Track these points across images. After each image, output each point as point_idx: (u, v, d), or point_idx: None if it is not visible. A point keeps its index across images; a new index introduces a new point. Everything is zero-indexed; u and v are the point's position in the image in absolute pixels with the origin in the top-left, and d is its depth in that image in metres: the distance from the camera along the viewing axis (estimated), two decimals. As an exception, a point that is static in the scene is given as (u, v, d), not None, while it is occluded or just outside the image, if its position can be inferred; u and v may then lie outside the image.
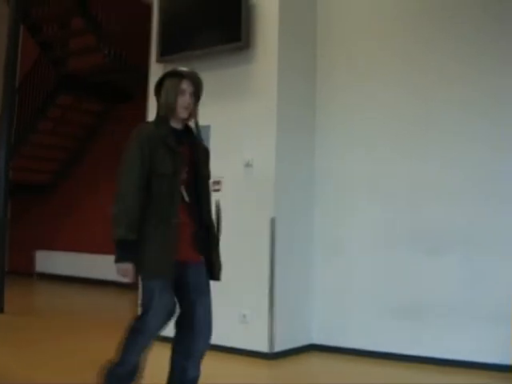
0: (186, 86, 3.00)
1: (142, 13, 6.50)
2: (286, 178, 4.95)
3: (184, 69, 3.10)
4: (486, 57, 4.66)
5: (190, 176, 3.03)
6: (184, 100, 2.99)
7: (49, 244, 10.90)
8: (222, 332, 4.87)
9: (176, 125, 3.05)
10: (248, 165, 4.95)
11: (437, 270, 4.66)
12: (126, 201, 2.83)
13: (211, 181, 5.06)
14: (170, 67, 5.59)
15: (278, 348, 4.79)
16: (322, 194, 5.22)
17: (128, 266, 2.84)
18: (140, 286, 3.20)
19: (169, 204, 2.89)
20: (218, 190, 5.07)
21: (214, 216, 3.19)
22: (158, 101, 3.09)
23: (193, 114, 3.06)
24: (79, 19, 9.43)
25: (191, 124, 3.12)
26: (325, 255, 5.17)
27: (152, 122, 3.07)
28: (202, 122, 5.22)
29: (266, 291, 4.78)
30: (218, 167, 5.09)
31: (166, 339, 3.08)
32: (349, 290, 5.04)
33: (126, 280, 2.90)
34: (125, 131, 3.25)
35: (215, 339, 3.01)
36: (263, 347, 4.76)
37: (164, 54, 5.36)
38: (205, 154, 3.16)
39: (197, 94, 3.05)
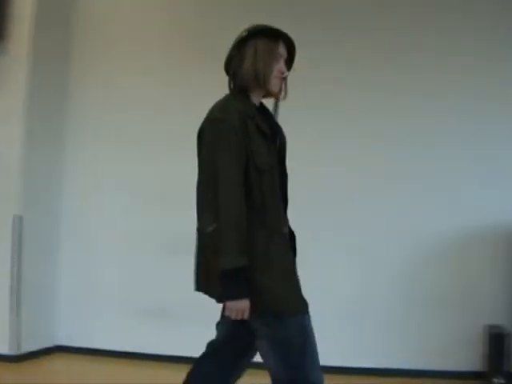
0: (283, 50, 2.25)
1: None
2: (34, 174, 4.89)
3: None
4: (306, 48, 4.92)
5: None
6: (280, 69, 2.23)
7: None
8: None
9: (256, 102, 2.27)
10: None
11: (178, 272, 4.75)
12: (230, 212, 1.98)
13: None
14: None
15: (23, 350, 4.69)
16: (71, 190, 5.17)
17: (246, 304, 2.01)
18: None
19: (273, 208, 2.14)
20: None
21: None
22: (234, 68, 2.26)
23: (284, 88, 2.31)
24: None
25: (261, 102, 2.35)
26: (71, 255, 5.15)
27: (234, 97, 2.21)
28: None
29: (7, 291, 4.65)
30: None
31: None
32: (94, 291, 5.07)
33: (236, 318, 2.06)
34: None
35: None
36: (5, 349, 4.62)
37: None
38: (285, 142, 2.33)
39: (291, 62, 2.34)
